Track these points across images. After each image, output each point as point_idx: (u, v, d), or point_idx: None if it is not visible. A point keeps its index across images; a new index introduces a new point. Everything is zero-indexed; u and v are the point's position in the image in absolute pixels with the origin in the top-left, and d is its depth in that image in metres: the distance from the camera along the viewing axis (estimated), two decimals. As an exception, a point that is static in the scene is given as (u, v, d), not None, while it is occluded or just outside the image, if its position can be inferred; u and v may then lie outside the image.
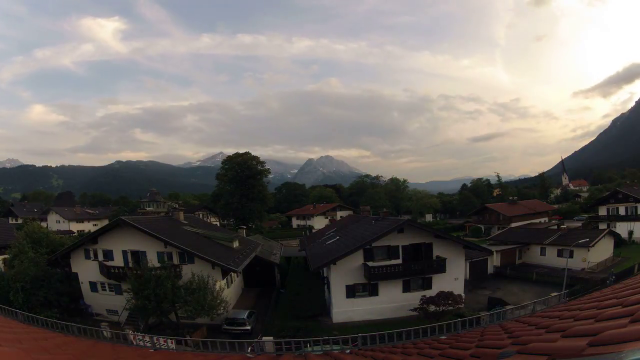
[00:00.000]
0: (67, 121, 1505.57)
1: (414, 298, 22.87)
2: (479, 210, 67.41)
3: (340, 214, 74.31)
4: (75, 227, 71.27)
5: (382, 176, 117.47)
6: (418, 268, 23.68)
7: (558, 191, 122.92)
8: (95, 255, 25.38)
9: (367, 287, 23.73)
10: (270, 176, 77.77)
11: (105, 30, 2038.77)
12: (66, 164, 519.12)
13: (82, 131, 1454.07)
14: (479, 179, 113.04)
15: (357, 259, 23.62)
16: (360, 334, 11.67)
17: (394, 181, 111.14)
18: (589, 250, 33.01)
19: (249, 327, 22.05)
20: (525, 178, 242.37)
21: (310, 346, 12.51)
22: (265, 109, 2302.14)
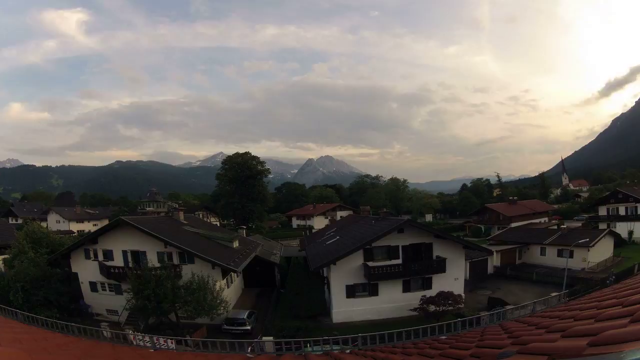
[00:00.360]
0: (49, 119, 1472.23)
1: (414, 298, 22.87)
2: (479, 210, 67.40)
3: (340, 214, 74.30)
4: (75, 227, 71.26)
5: (382, 176, 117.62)
6: (418, 268, 23.69)
7: (558, 191, 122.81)
8: (95, 255, 25.39)
9: (367, 287, 23.74)
10: (270, 176, 77.91)
11: (69, 23, 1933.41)
12: (65, 163, 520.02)
13: (65, 128, 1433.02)
14: (479, 179, 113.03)
15: (357, 259, 23.63)
16: (360, 334, 11.68)
17: (394, 181, 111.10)
18: (589, 250, 33.00)
19: (249, 327, 22.05)
20: (525, 178, 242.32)
21: (310, 346, 12.51)
22: (251, 102, 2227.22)
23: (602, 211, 51.33)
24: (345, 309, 23.54)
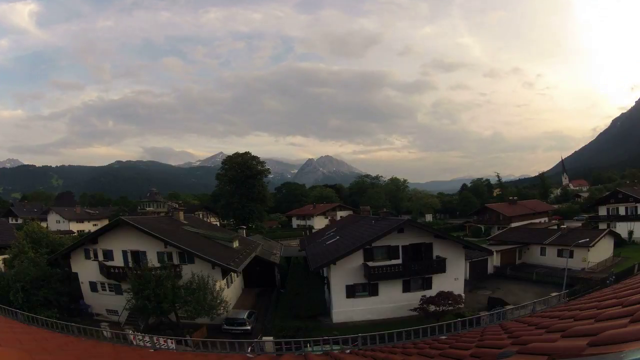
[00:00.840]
0: (22, 116, 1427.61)
1: (414, 298, 22.88)
2: (479, 210, 67.43)
3: (340, 214, 74.30)
4: (75, 227, 71.28)
5: (382, 176, 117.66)
6: (418, 268, 23.70)
7: (558, 191, 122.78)
8: (95, 255, 25.39)
9: (367, 287, 23.75)
10: (270, 176, 77.89)
11: (22, 16, 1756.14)
12: (64, 163, 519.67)
13: (40, 124, 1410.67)
14: (479, 179, 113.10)
15: (357, 259, 23.64)
16: (360, 334, 11.68)
17: (394, 181, 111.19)
18: (589, 250, 32.99)
19: (249, 327, 22.06)
20: (525, 178, 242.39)
21: (310, 346, 12.51)
22: (231, 91, 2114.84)
23: (602, 211, 51.33)
24: (345, 309, 23.54)
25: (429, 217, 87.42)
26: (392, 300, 23.53)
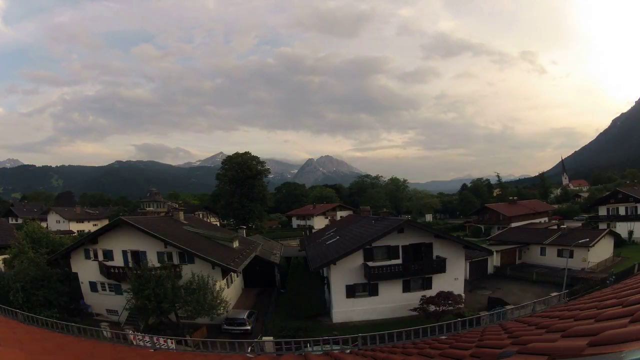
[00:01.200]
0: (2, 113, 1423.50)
1: (414, 298, 22.87)
2: (479, 210, 67.45)
3: (340, 214, 74.26)
4: (75, 227, 71.25)
5: (382, 176, 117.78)
6: (418, 268, 23.70)
7: (558, 191, 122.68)
8: (95, 255, 25.38)
9: (367, 287, 23.76)
10: (270, 176, 77.83)
11: None
12: (66, 164, 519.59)
13: (21, 121, 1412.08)
14: (479, 179, 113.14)
15: (357, 259, 23.64)
16: (360, 334, 11.68)
17: (394, 181, 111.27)
18: (589, 250, 32.99)
19: (249, 327, 22.06)
20: (525, 178, 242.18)
21: (310, 346, 12.51)
22: (210, 82, 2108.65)
23: (602, 211, 51.34)
24: (345, 309, 23.54)
25: (429, 217, 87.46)
26: (392, 300, 23.53)
